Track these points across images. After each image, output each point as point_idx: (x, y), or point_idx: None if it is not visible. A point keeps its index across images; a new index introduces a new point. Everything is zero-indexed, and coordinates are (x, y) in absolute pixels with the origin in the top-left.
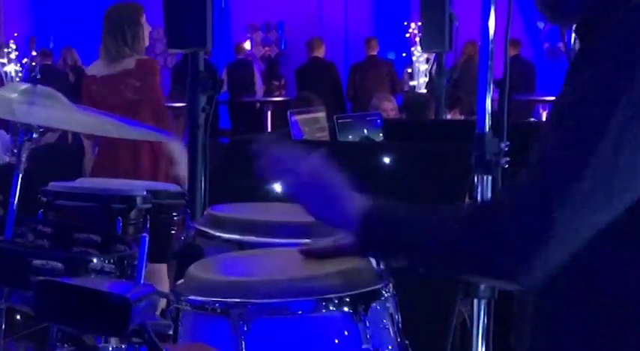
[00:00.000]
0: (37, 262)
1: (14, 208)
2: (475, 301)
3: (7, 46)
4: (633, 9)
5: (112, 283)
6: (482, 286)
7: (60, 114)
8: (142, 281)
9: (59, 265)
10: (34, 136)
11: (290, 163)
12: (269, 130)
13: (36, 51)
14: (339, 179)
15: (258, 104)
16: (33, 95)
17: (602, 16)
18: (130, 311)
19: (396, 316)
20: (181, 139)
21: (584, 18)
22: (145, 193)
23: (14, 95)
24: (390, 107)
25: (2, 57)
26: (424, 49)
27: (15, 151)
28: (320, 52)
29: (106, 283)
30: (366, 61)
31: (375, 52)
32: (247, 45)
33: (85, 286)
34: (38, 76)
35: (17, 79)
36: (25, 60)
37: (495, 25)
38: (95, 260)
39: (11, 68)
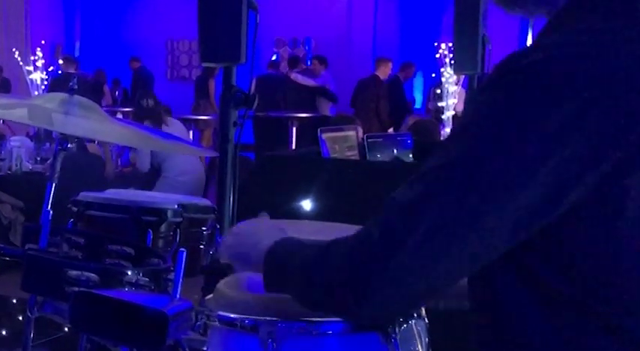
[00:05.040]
0: (72, 272)
1: (49, 217)
2: None
3: (34, 54)
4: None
5: (149, 296)
6: None
7: (95, 124)
8: (178, 296)
9: (94, 276)
10: (70, 145)
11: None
12: (293, 145)
13: (62, 58)
14: (270, 232)
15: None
16: (70, 105)
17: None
18: (167, 326)
19: (425, 339)
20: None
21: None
22: (176, 206)
23: (52, 105)
24: None
25: (28, 65)
26: (455, 71)
27: (38, 158)
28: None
29: (144, 296)
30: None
31: (378, 73)
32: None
33: (122, 299)
34: (75, 87)
35: (42, 87)
36: (50, 68)
37: None
38: (130, 273)
39: (37, 76)
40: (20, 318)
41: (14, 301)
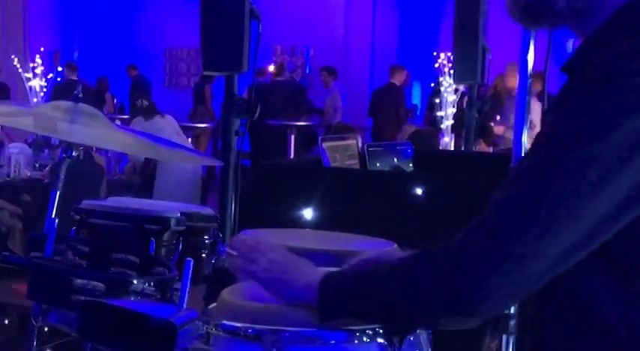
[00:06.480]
0: (78, 281)
1: (54, 225)
2: (504, 336)
3: (33, 61)
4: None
5: (156, 306)
6: (511, 322)
7: (100, 133)
8: (185, 305)
9: (101, 285)
10: (74, 153)
11: (255, 255)
12: (292, 154)
13: (61, 65)
14: (301, 262)
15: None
16: (74, 113)
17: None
18: (175, 336)
19: (429, 350)
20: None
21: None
22: (178, 214)
23: (57, 113)
24: None
25: (27, 72)
26: (455, 81)
27: (36, 165)
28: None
29: (150, 305)
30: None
31: (393, 80)
32: (272, 68)
33: (130, 308)
34: (80, 95)
35: (41, 94)
36: (50, 75)
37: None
38: (136, 282)
39: (36, 83)
40: (20, 326)
41: (14, 308)
